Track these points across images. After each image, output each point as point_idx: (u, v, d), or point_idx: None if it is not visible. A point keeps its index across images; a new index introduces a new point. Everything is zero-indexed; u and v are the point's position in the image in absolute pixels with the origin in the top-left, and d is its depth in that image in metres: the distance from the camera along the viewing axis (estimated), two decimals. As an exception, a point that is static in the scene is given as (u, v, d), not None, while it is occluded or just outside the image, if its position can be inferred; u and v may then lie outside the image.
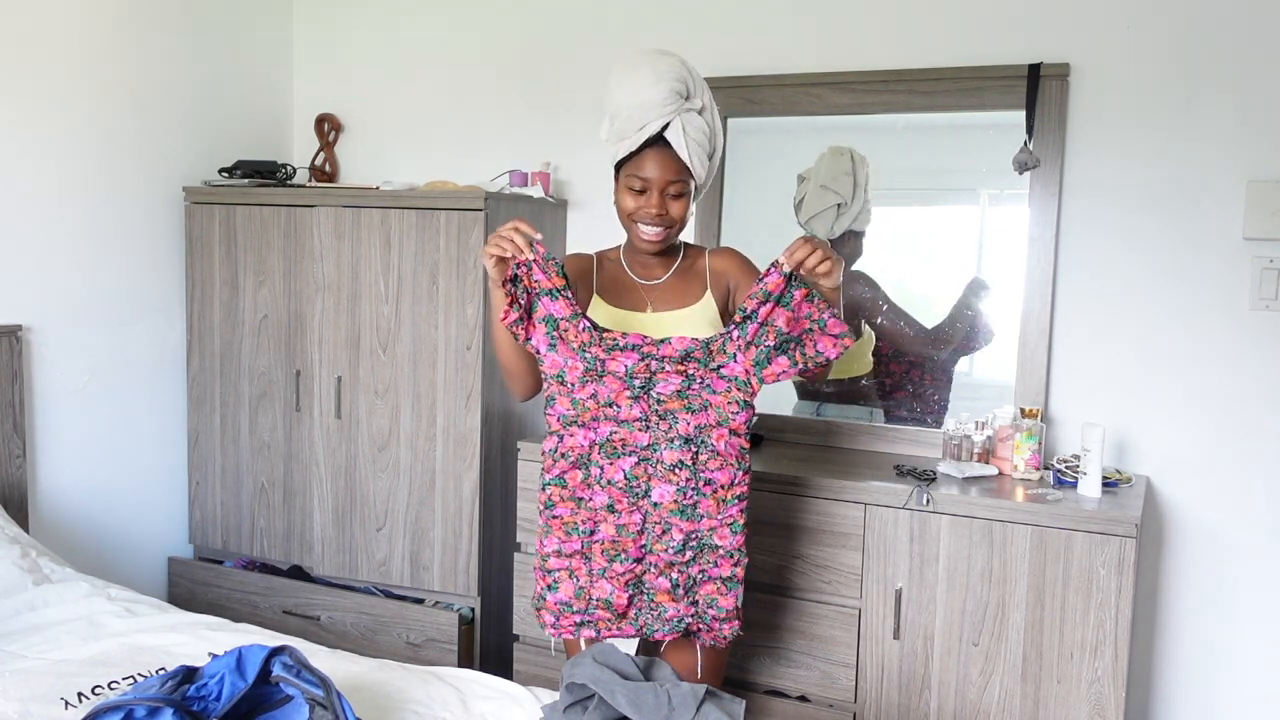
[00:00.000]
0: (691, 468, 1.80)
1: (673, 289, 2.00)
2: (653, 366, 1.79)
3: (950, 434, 2.49)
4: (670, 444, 1.80)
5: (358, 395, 2.88)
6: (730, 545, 1.85)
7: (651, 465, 1.81)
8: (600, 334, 1.79)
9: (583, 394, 1.81)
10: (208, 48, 3.17)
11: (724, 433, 1.81)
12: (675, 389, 1.80)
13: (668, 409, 1.80)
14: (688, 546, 1.83)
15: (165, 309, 3.10)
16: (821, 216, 2.71)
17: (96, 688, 1.76)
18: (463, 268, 2.73)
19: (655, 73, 1.85)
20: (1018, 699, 2.23)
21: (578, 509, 1.84)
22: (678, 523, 1.81)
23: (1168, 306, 2.51)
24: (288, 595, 2.98)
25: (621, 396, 1.80)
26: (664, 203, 1.89)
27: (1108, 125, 2.53)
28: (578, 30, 3.06)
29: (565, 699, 1.57)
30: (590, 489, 1.83)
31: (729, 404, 1.80)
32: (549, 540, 1.87)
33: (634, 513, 1.82)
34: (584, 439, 1.82)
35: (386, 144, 3.35)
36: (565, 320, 1.79)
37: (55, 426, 2.81)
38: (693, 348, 1.79)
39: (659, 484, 1.81)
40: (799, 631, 2.39)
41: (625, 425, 1.81)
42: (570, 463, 1.84)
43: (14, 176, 2.67)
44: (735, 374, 1.79)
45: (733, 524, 1.84)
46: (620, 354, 1.79)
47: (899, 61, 2.67)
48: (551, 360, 1.81)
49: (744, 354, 1.79)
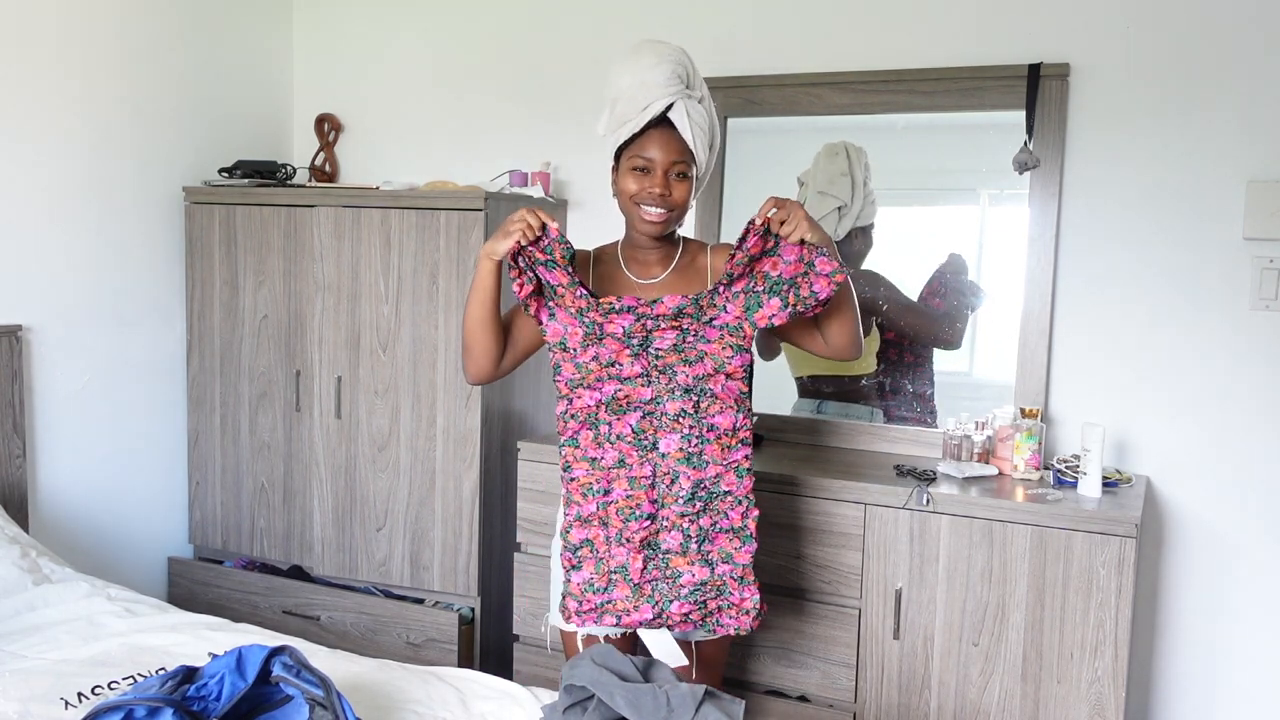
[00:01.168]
0: (694, 415, 1.85)
1: (671, 287, 1.97)
2: (648, 325, 1.84)
3: (950, 434, 2.49)
4: (672, 395, 1.85)
5: (358, 395, 2.88)
6: (738, 491, 1.89)
7: (656, 418, 1.86)
8: (596, 299, 1.84)
9: (585, 357, 1.87)
10: (208, 48, 3.17)
11: (721, 378, 1.86)
12: (671, 343, 1.85)
13: (666, 363, 1.86)
14: (696, 496, 1.86)
15: (165, 309, 3.10)
16: (824, 222, 2.72)
17: (96, 688, 1.76)
18: (463, 268, 2.73)
19: (658, 55, 1.88)
20: (1018, 699, 2.23)
21: (592, 469, 1.89)
22: (685, 470, 1.86)
23: (1168, 306, 2.51)
24: (288, 595, 2.98)
25: (622, 355, 1.85)
26: (668, 183, 1.89)
27: (1108, 125, 2.53)
28: (578, 30, 3.06)
29: (564, 700, 1.57)
30: (601, 447, 1.88)
31: (723, 349, 1.85)
32: (570, 509, 1.92)
33: (644, 465, 1.87)
34: (590, 399, 1.88)
35: (386, 144, 3.35)
36: (563, 287, 1.84)
37: (55, 426, 2.81)
38: (684, 304, 1.84)
39: (665, 435, 1.86)
40: (799, 631, 2.39)
41: (628, 382, 1.86)
42: (580, 422, 1.89)
43: (14, 177, 2.67)
44: (727, 322, 1.85)
45: (738, 468, 1.88)
46: (616, 316, 1.84)
47: (899, 61, 2.67)
48: (553, 329, 1.87)
49: (734, 303, 1.84)
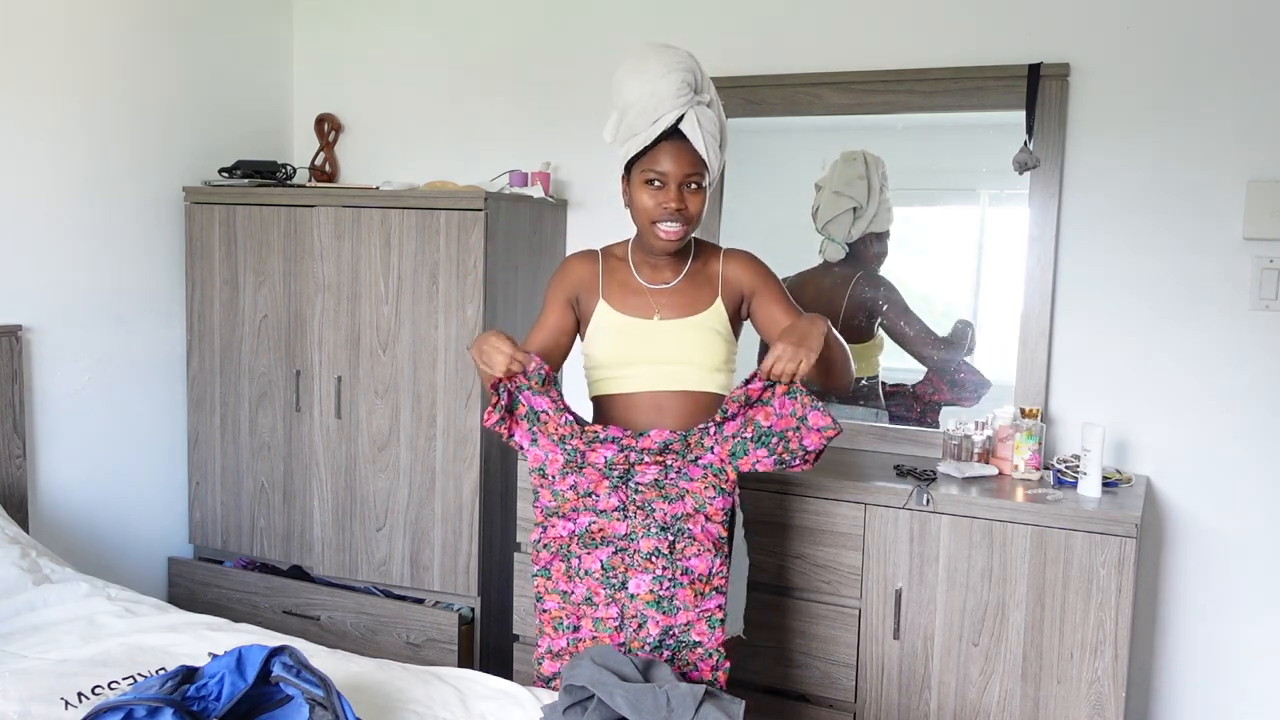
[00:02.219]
0: (669, 556, 1.80)
1: (682, 294, 1.97)
2: (631, 458, 1.81)
3: (950, 434, 2.49)
4: (647, 532, 1.81)
5: (358, 395, 2.88)
6: (709, 643, 1.83)
7: (628, 555, 1.82)
8: (582, 427, 1.80)
9: (563, 485, 1.83)
10: (208, 48, 3.17)
11: (700, 519, 1.81)
12: (653, 478, 1.81)
13: (645, 498, 1.81)
14: (664, 644, 1.82)
15: (165, 309, 3.10)
16: (837, 221, 2.72)
17: (96, 688, 1.76)
18: (463, 268, 2.73)
19: (665, 64, 1.84)
20: (1018, 699, 2.23)
21: (563, 602, 1.86)
22: (654, 615, 1.81)
23: (1168, 306, 2.51)
24: (288, 595, 2.98)
25: (600, 486, 1.82)
26: (682, 197, 1.87)
27: (1108, 125, 2.53)
28: (578, 30, 3.06)
29: (564, 700, 1.57)
30: (572, 581, 1.85)
31: (705, 489, 1.81)
32: (542, 640, 1.90)
33: (611, 605, 1.83)
34: (564, 529, 1.84)
35: (386, 144, 3.35)
36: (548, 414, 1.80)
37: (55, 426, 2.81)
38: (671, 440, 1.80)
39: (635, 574, 1.81)
40: (799, 631, 2.39)
41: (603, 515, 1.82)
42: (552, 553, 1.86)
43: (14, 177, 2.66)
44: (711, 463, 1.81)
45: (710, 618, 1.82)
46: (600, 446, 1.81)
47: (899, 61, 2.67)
48: (534, 455, 1.83)
49: (721, 446, 1.81)
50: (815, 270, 2.80)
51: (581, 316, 2.01)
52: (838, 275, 2.77)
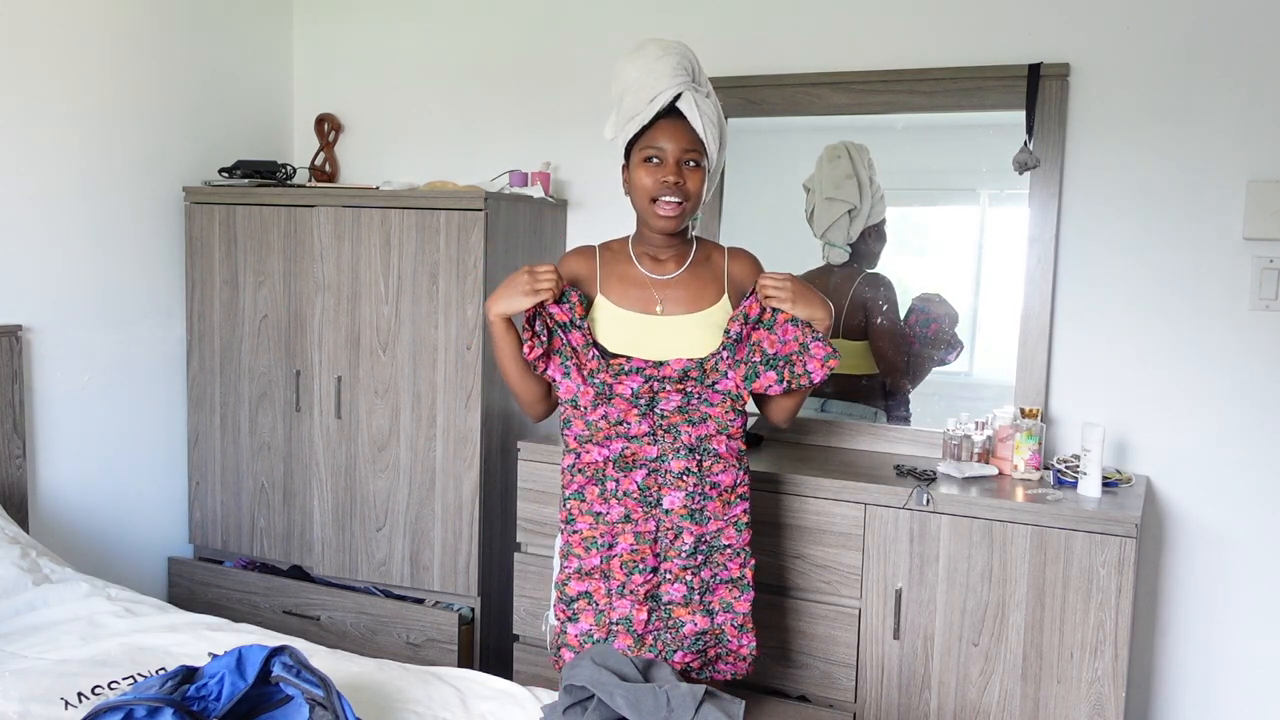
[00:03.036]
0: (697, 474, 1.91)
1: (685, 287, 1.97)
2: (654, 387, 1.90)
3: (950, 434, 2.49)
4: (676, 454, 1.91)
5: (358, 395, 2.88)
6: (737, 544, 1.96)
7: (661, 475, 1.91)
8: (608, 361, 1.91)
9: (594, 416, 1.92)
10: (208, 48, 3.17)
11: (723, 439, 1.93)
12: (676, 405, 1.91)
13: (671, 423, 1.91)
14: (698, 550, 1.92)
15: (165, 309, 3.10)
16: (836, 226, 2.72)
17: (96, 688, 1.76)
18: (463, 268, 2.73)
19: (663, 48, 1.90)
20: (1018, 699, 2.23)
21: (596, 523, 1.94)
22: (688, 526, 1.91)
23: (1168, 306, 2.51)
24: (288, 595, 2.98)
25: (630, 414, 1.91)
26: (680, 172, 1.89)
27: (1108, 125, 2.53)
28: (577, 30, 3.06)
29: (564, 700, 1.57)
30: (606, 503, 1.93)
31: (725, 413, 1.93)
32: (569, 561, 1.96)
33: (649, 521, 1.92)
34: (599, 455, 1.93)
35: (386, 144, 3.35)
36: (580, 349, 1.91)
37: (55, 426, 2.81)
38: (689, 367, 1.91)
39: (669, 492, 1.91)
40: (799, 631, 2.39)
41: (635, 440, 1.91)
42: (587, 477, 1.94)
43: (14, 176, 2.66)
44: (728, 388, 1.92)
45: (737, 522, 1.95)
46: (626, 378, 1.90)
47: (899, 61, 2.67)
48: (566, 386, 1.92)
49: (734, 371, 1.92)
50: (818, 271, 2.80)
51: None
52: (840, 275, 2.77)
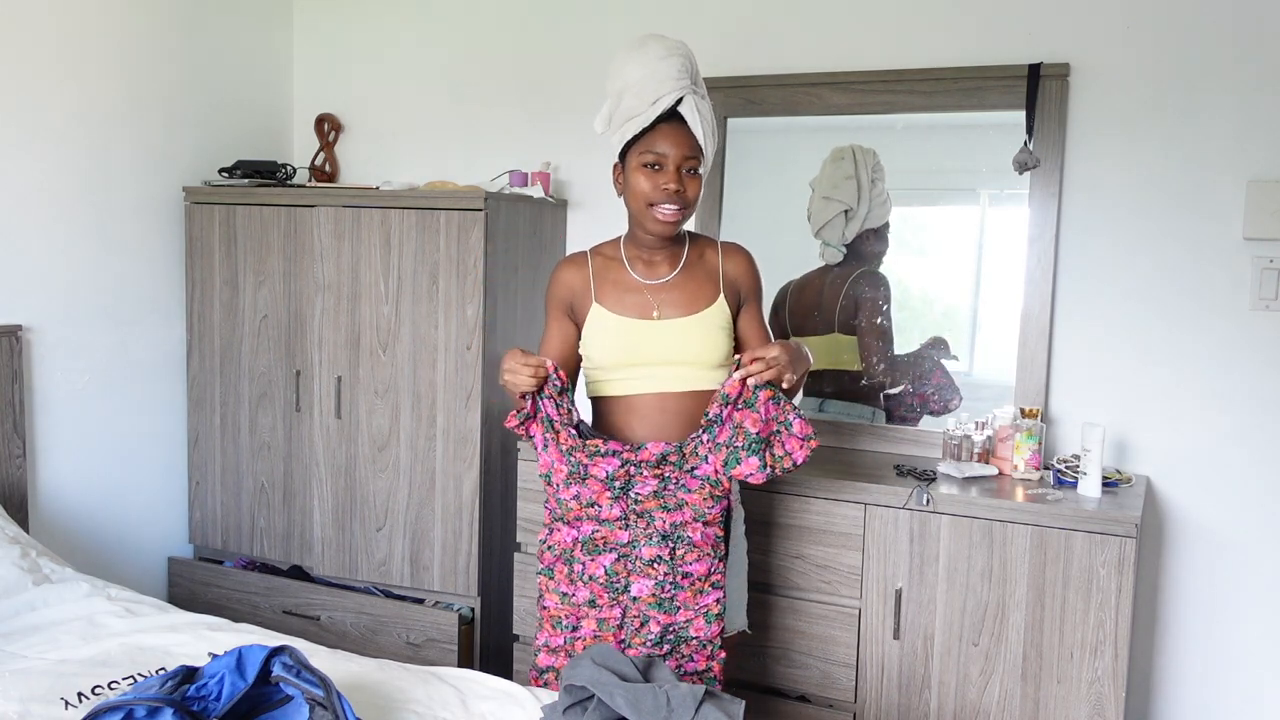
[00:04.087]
0: (669, 562, 1.85)
1: (681, 290, 1.96)
2: (630, 471, 1.84)
3: (950, 434, 2.49)
4: (649, 540, 1.85)
5: (358, 395, 2.88)
6: (705, 636, 1.89)
7: (630, 561, 1.86)
8: (584, 441, 1.85)
9: (566, 494, 1.87)
10: (208, 48, 3.17)
11: (699, 526, 1.86)
12: (652, 489, 1.85)
13: (645, 508, 1.85)
14: (664, 639, 1.87)
15: (165, 309, 3.10)
16: (831, 225, 2.72)
17: (96, 688, 1.75)
18: (463, 268, 2.73)
19: (666, 47, 1.85)
20: (1018, 699, 2.23)
21: (562, 603, 1.91)
22: (655, 615, 1.86)
23: (1168, 306, 2.51)
24: (288, 595, 2.98)
25: (603, 497, 1.85)
26: (680, 179, 1.86)
27: (1108, 125, 2.53)
28: (577, 30, 3.06)
29: (564, 700, 1.57)
30: (573, 584, 1.89)
31: (703, 500, 1.85)
32: (540, 634, 1.95)
33: (614, 607, 1.88)
34: (568, 536, 1.89)
35: (386, 144, 3.35)
36: (559, 424, 1.86)
37: (55, 426, 2.81)
38: (668, 451, 1.84)
39: (638, 579, 1.86)
40: (799, 631, 2.39)
41: (606, 524, 1.86)
42: (555, 556, 1.91)
43: (14, 176, 2.66)
44: (707, 474, 1.85)
45: (707, 613, 1.88)
46: (601, 460, 1.84)
47: (899, 61, 2.67)
48: (543, 460, 1.89)
49: (715, 455, 1.84)
50: (816, 272, 2.80)
51: (578, 321, 2.01)
52: (837, 274, 2.77)
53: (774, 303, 2.82)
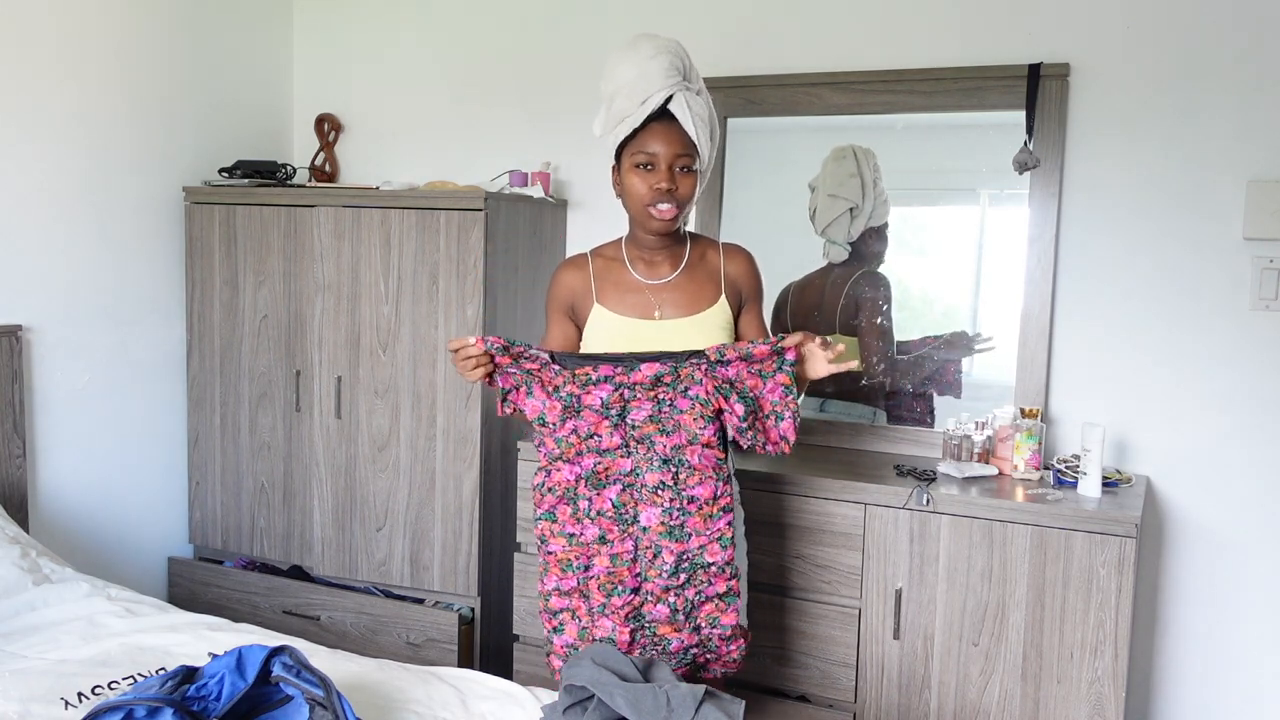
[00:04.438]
0: (674, 487, 1.82)
1: (682, 289, 1.95)
2: (625, 395, 1.81)
3: (950, 434, 2.49)
4: (650, 466, 1.82)
5: (358, 395, 2.88)
6: (721, 560, 1.85)
7: (636, 490, 1.83)
8: (573, 373, 1.81)
9: (563, 431, 1.83)
10: (208, 48, 3.17)
11: (697, 448, 1.83)
12: (648, 414, 1.82)
13: (644, 433, 1.82)
14: (680, 569, 1.83)
15: (165, 309, 3.10)
16: (837, 224, 2.72)
17: (96, 688, 1.76)
18: (463, 268, 2.73)
19: (654, 46, 1.86)
20: (1018, 699, 2.23)
21: (570, 545, 1.86)
22: (668, 544, 1.82)
23: (1168, 306, 2.51)
24: (288, 595, 2.98)
25: (601, 426, 1.82)
26: (673, 177, 1.86)
27: (1108, 125, 2.53)
28: (577, 30, 3.06)
29: (564, 700, 1.57)
30: (580, 523, 1.85)
31: (694, 420, 1.82)
32: (548, 578, 1.90)
33: (625, 540, 1.84)
34: (569, 473, 1.85)
35: (386, 144, 3.35)
36: (537, 370, 1.83)
37: (55, 426, 2.81)
38: (662, 372, 1.80)
39: (645, 508, 1.83)
40: (799, 631, 2.39)
41: (607, 454, 1.83)
42: (557, 496, 1.86)
43: (14, 176, 2.66)
44: (698, 394, 1.82)
45: (721, 538, 1.85)
46: (594, 388, 1.81)
47: (899, 61, 2.67)
48: (531, 406, 1.85)
49: (709, 381, 1.81)
50: (818, 272, 2.80)
51: (579, 323, 2.00)
52: (838, 275, 2.77)
53: (775, 304, 2.82)
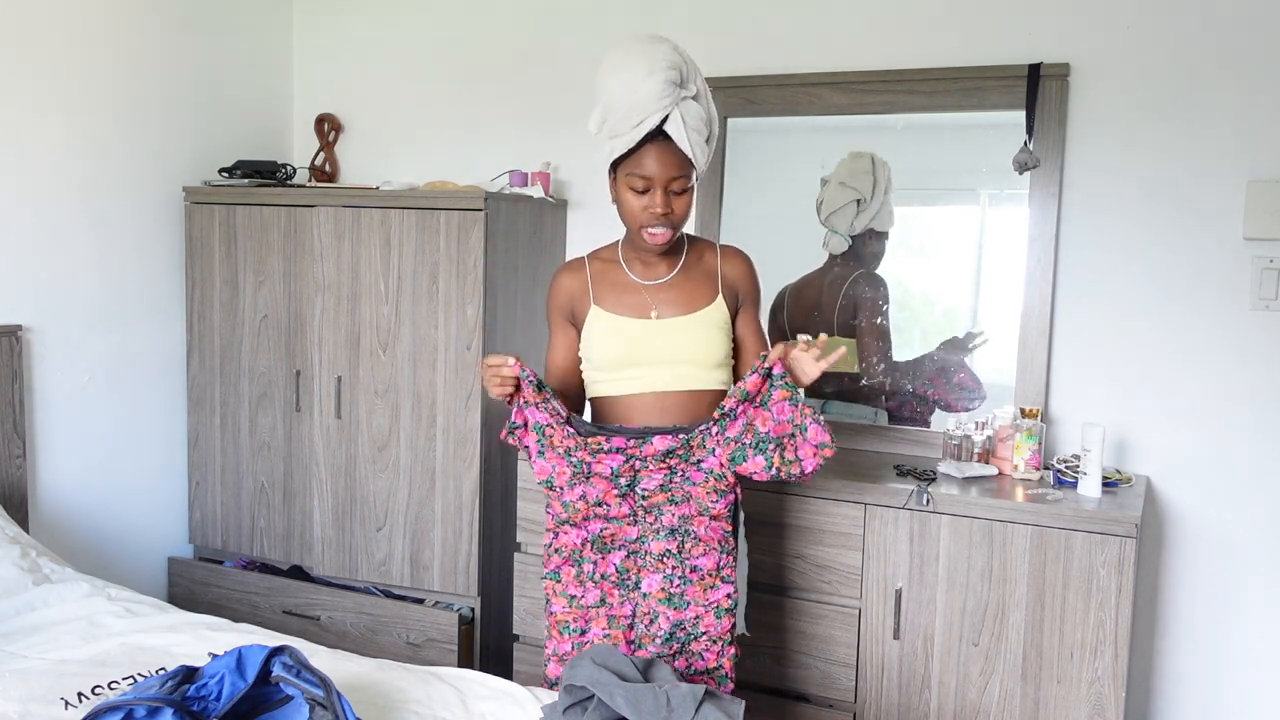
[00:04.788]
0: (678, 556, 1.84)
1: (679, 289, 1.95)
2: (636, 466, 1.82)
3: (950, 434, 2.49)
4: (657, 535, 1.84)
5: (358, 395, 2.88)
6: (715, 631, 1.87)
7: (640, 557, 1.86)
8: (585, 440, 1.82)
9: (572, 496, 1.84)
10: (208, 48, 3.17)
11: (705, 520, 1.84)
12: (658, 483, 1.83)
13: (653, 503, 1.83)
14: (674, 637, 1.85)
15: (165, 309, 3.10)
16: (841, 213, 2.71)
17: (96, 688, 1.76)
18: (463, 268, 2.73)
19: (649, 64, 1.77)
20: (1018, 699, 2.23)
21: (570, 606, 1.89)
22: (665, 611, 1.85)
23: (1168, 306, 2.51)
24: (288, 595, 2.98)
25: (609, 495, 1.84)
26: (668, 200, 1.84)
27: (1108, 125, 2.53)
28: (577, 30, 3.06)
29: (564, 700, 1.57)
30: (582, 585, 1.88)
31: (707, 494, 1.83)
32: (549, 643, 1.93)
33: (625, 604, 1.88)
34: (576, 537, 1.87)
35: (386, 144, 3.35)
36: (550, 427, 1.83)
37: (55, 426, 2.81)
38: (674, 446, 1.81)
39: (648, 574, 1.86)
40: (799, 631, 2.39)
41: (615, 521, 1.85)
42: (563, 558, 1.89)
43: (14, 176, 2.66)
44: (712, 467, 1.82)
45: (717, 609, 1.87)
46: (605, 456, 1.82)
47: (899, 61, 2.67)
48: (540, 467, 1.85)
49: (722, 449, 1.82)
50: (816, 272, 2.80)
51: (579, 326, 2.00)
52: (836, 276, 2.77)
53: (772, 305, 2.82)
